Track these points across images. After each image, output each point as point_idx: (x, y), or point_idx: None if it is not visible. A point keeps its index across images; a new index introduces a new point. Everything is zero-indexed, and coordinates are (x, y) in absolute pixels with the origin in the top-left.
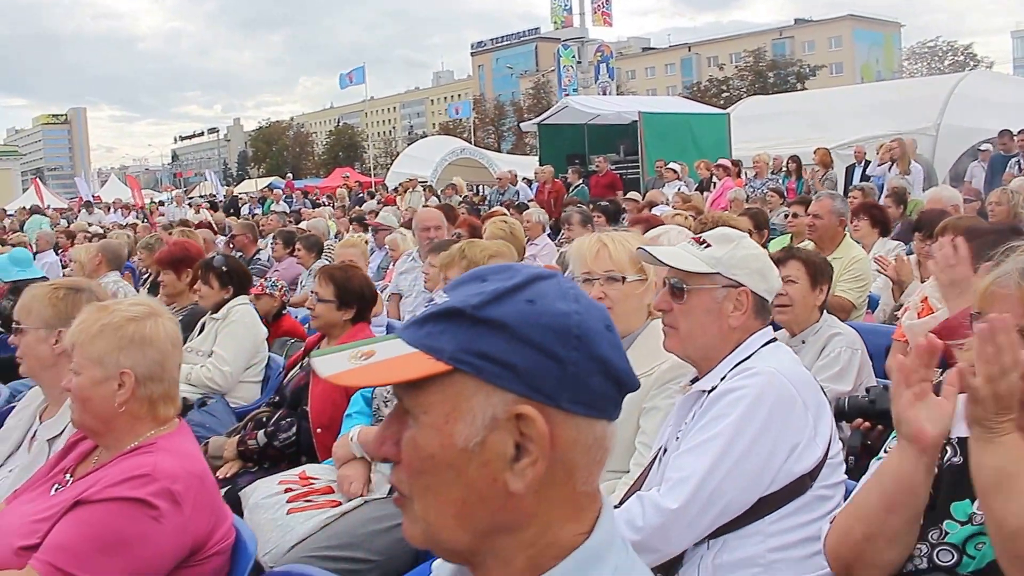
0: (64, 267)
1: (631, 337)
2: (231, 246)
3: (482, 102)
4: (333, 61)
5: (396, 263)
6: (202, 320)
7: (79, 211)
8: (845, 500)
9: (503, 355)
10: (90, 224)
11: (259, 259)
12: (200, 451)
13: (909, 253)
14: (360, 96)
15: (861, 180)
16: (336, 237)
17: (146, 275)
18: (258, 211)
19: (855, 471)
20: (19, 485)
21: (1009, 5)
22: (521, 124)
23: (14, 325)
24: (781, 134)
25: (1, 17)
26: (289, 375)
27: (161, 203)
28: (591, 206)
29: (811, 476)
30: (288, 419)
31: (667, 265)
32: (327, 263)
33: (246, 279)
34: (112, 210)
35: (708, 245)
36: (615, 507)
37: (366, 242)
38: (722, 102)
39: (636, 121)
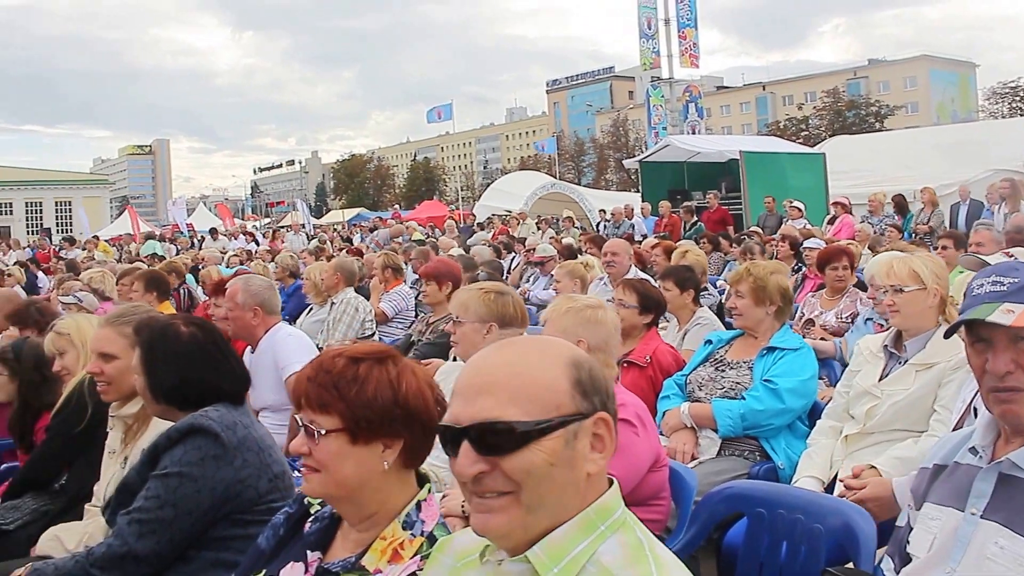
0: None
1: (926, 335)
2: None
3: (562, 138)
4: (403, 96)
5: (589, 287)
6: None
7: (170, 238)
8: None
9: None
10: (223, 251)
11: None
12: None
13: None
14: (439, 131)
15: (967, 217)
16: None
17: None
18: (368, 238)
19: None
20: None
21: None
22: (625, 161)
23: (455, 318)
24: (868, 173)
25: (87, 53)
26: None
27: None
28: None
29: None
30: None
31: None
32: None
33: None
34: (233, 237)
35: None
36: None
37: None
38: (800, 141)
39: (733, 159)
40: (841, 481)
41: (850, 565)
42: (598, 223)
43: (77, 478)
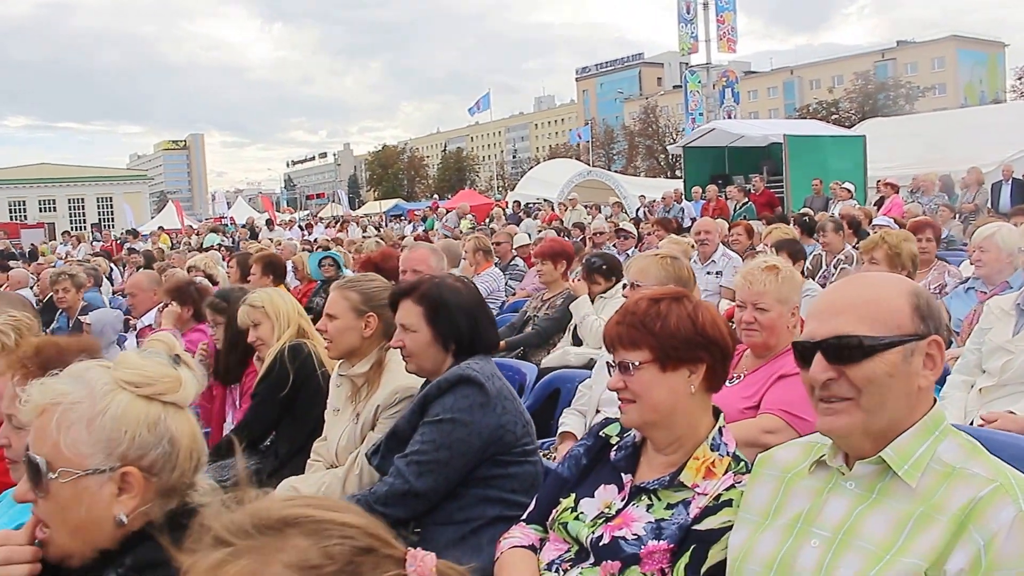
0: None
1: None
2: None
3: (592, 126)
4: (431, 86)
5: None
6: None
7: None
8: None
9: None
10: (289, 239)
11: (515, 265)
12: None
13: None
14: (468, 121)
15: (1012, 196)
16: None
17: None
18: (420, 228)
19: None
20: None
21: None
22: (669, 147)
23: (633, 282)
24: (902, 155)
25: (119, 48)
26: None
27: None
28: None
29: None
30: None
31: None
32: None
33: (619, 273)
34: (287, 227)
35: None
36: None
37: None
38: (831, 124)
39: (773, 144)
40: (981, 425)
41: None
42: (637, 208)
43: (286, 438)
